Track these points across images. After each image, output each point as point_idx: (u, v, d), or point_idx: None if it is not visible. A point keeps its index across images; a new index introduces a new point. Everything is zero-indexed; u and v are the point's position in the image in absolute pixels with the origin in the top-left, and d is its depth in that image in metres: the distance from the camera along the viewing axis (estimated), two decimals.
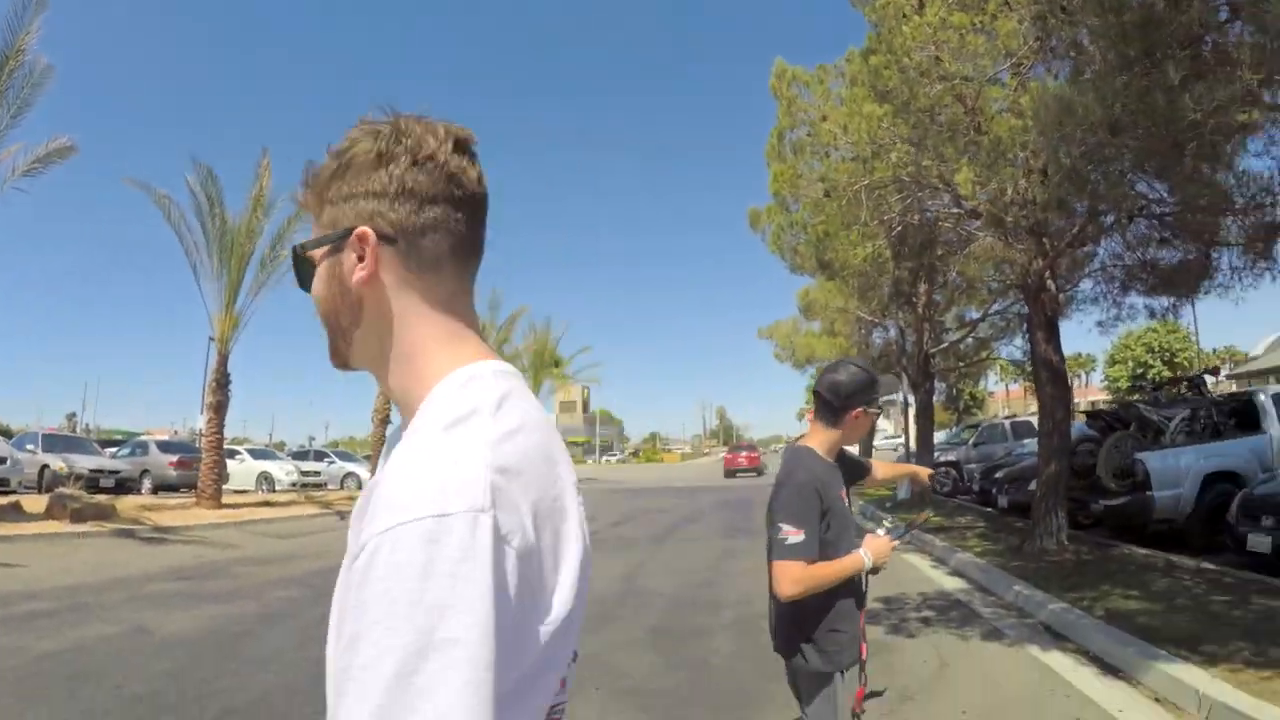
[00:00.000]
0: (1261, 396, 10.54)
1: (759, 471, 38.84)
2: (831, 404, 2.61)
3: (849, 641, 2.62)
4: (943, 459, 19.84)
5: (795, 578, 2.44)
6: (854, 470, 2.94)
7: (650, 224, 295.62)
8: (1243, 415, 10.38)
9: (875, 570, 2.61)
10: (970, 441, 20.27)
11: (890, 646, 6.23)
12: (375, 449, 24.28)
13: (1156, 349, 55.32)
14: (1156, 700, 4.57)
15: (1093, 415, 12.00)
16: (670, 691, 4.96)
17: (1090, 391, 70.71)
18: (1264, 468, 9.47)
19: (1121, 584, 7.00)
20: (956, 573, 8.99)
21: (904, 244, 10.11)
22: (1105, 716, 4.43)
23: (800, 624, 2.60)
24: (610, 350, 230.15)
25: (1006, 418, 25.62)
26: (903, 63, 7.18)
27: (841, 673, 2.59)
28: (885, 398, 2.71)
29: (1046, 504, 9.06)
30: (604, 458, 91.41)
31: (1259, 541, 7.29)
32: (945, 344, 17.25)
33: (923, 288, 11.49)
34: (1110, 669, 5.16)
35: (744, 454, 42.19)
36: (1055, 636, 6.04)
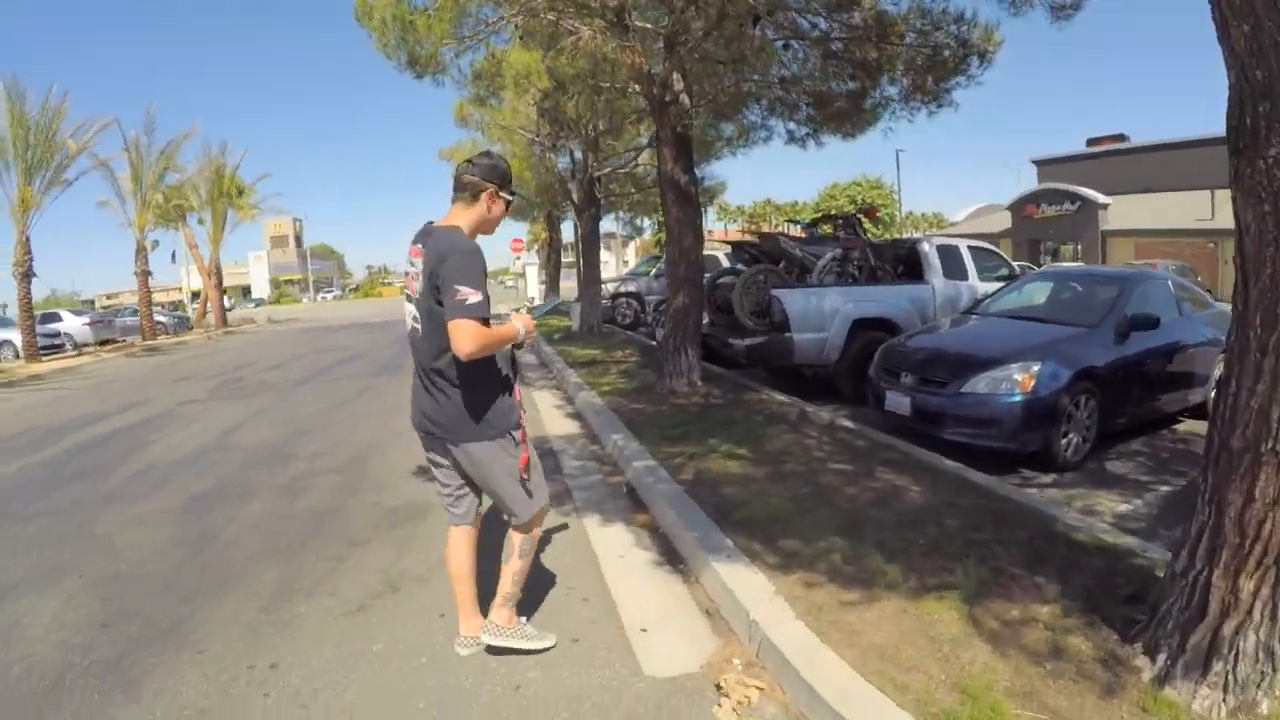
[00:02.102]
0: (925, 245, 9.40)
1: None
2: (471, 185, 2.72)
3: (509, 409, 2.80)
4: (624, 289, 18.90)
5: (473, 334, 2.50)
6: None
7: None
8: (907, 263, 9.51)
9: (520, 345, 2.82)
10: (653, 273, 19.31)
11: (428, 509, 4.87)
12: (23, 305, 20.52)
13: (859, 201, 59.23)
14: (707, 613, 3.35)
15: (737, 246, 10.91)
16: (153, 576, 4.15)
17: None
18: (924, 319, 8.57)
19: (735, 438, 5.85)
20: (577, 415, 7.75)
21: (555, 53, 8.17)
22: (615, 633, 3.20)
23: (473, 406, 2.72)
24: (325, 180, 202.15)
25: None
26: None
27: (510, 435, 2.79)
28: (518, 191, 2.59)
29: (675, 340, 7.90)
30: (319, 295, 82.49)
31: (898, 402, 6.05)
32: (609, 169, 15.57)
33: (585, 107, 9.58)
34: (676, 557, 3.97)
35: None
36: (634, 504, 4.83)
